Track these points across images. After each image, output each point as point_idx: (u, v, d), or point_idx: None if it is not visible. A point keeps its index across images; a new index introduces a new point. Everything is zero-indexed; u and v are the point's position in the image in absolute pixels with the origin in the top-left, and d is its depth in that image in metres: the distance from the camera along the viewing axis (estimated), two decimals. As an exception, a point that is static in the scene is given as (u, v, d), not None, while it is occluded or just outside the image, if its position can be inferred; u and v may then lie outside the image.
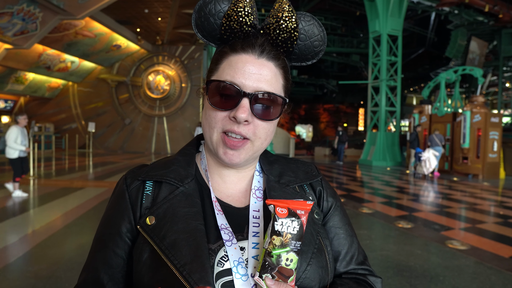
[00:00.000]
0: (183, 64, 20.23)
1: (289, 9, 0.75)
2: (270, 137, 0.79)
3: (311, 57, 0.82)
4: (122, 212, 0.77)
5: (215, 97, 0.74)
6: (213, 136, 0.76)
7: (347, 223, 0.88)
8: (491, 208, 7.28)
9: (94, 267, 0.75)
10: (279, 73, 0.77)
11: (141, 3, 14.89)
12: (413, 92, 34.82)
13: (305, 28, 0.78)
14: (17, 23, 12.00)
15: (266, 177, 0.83)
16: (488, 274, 3.79)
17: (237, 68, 0.73)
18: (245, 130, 0.73)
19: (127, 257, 0.75)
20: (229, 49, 0.76)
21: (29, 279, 3.41)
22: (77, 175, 10.59)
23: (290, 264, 0.62)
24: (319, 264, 0.74)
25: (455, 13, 19.44)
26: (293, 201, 0.65)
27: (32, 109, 21.36)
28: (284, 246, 0.62)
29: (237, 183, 0.83)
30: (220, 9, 0.75)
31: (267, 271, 0.62)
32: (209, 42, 0.80)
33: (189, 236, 0.69)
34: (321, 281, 0.73)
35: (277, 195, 0.79)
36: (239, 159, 0.75)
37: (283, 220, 0.63)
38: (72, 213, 5.98)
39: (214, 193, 0.80)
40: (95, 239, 0.80)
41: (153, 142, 20.56)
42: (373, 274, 0.84)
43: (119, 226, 0.76)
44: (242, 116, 0.71)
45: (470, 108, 12.37)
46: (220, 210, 0.75)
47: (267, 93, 0.73)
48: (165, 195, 0.75)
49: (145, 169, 0.82)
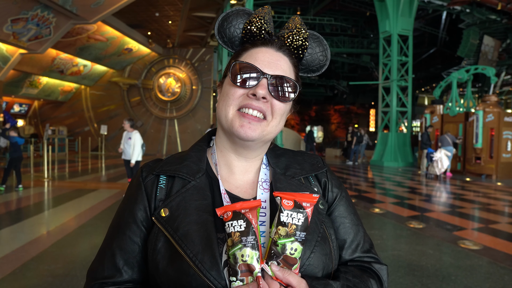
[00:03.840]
0: (194, 66, 20.35)
1: (301, 23, 0.88)
2: (283, 122, 0.86)
3: (316, 69, 0.93)
4: (139, 202, 0.82)
5: (236, 76, 0.81)
6: (229, 113, 0.81)
7: (352, 213, 0.91)
8: (505, 208, 7.19)
9: (110, 252, 0.81)
10: (293, 69, 0.87)
11: (152, 6, 15.03)
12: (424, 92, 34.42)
13: (312, 44, 0.90)
14: (31, 28, 12.23)
15: (273, 170, 0.87)
16: (501, 274, 3.76)
17: (257, 56, 0.83)
18: (264, 106, 0.80)
19: (142, 244, 0.80)
20: (250, 45, 0.86)
21: (46, 277, 3.49)
22: (90, 177, 10.74)
23: (294, 253, 0.66)
24: (323, 252, 0.77)
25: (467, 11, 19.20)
26: (299, 194, 0.68)
27: (46, 113, 21.71)
28: (289, 236, 0.65)
29: (245, 173, 0.88)
30: (240, 20, 0.88)
31: (273, 258, 0.65)
32: (228, 47, 0.91)
33: (200, 227, 0.74)
34: (324, 268, 0.77)
35: (283, 187, 0.83)
36: (255, 133, 0.80)
37: (288, 211, 0.66)
38: (86, 214, 6.08)
39: (223, 185, 0.85)
40: (112, 226, 0.86)
41: (164, 144, 20.71)
42: (379, 261, 0.87)
43: (135, 214, 0.81)
44: (261, 92, 0.78)
45: (482, 107, 12.21)
46: (228, 202, 0.80)
47: (283, 76, 0.81)
48: (178, 189, 0.81)
49: (160, 164, 0.87)
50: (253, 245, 0.64)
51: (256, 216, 0.67)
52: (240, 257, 0.64)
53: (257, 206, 0.67)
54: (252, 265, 0.64)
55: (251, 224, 0.65)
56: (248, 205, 0.67)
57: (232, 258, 0.65)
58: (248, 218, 0.65)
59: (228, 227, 0.66)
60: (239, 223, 0.65)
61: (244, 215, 0.66)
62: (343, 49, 25.72)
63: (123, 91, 20.82)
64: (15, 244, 4.48)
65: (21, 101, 20.75)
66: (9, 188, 8.36)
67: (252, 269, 0.64)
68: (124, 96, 20.87)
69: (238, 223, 0.65)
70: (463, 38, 20.56)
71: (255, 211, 0.67)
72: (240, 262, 0.64)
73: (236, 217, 0.65)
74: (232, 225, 0.65)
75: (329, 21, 23.47)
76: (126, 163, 7.38)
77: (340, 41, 25.37)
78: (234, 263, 0.64)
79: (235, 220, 0.65)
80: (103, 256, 0.82)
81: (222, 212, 0.67)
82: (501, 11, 18.95)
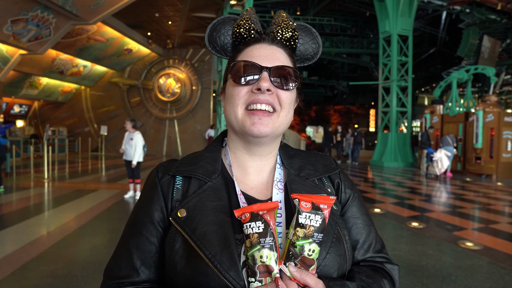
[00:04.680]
0: (194, 67, 20.36)
1: (287, 16, 0.89)
2: (292, 112, 0.87)
3: (311, 57, 0.94)
4: (155, 202, 0.83)
5: (237, 76, 0.82)
6: (238, 113, 0.82)
7: (364, 213, 0.92)
8: (505, 208, 7.19)
9: (127, 252, 0.81)
10: (289, 58, 0.88)
11: (152, 7, 15.04)
12: (424, 92, 34.41)
13: (302, 33, 0.91)
14: (31, 29, 12.24)
15: (287, 170, 0.88)
16: (501, 274, 3.76)
17: (253, 53, 0.84)
18: (271, 98, 0.81)
19: (159, 244, 0.81)
20: (243, 45, 0.88)
21: (46, 278, 3.49)
22: (90, 178, 10.74)
23: (312, 255, 0.66)
24: (338, 253, 0.78)
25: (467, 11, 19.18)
26: (317, 196, 0.70)
27: (46, 113, 21.72)
28: (307, 237, 0.66)
29: (259, 174, 0.89)
30: (228, 27, 0.89)
31: (291, 259, 0.66)
32: (221, 55, 0.92)
33: (218, 228, 0.74)
34: (339, 269, 0.78)
35: (297, 188, 0.84)
36: (268, 128, 0.80)
37: (306, 213, 0.67)
38: (86, 215, 6.08)
39: (239, 186, 0.85)
40: (129, 225, 0.86)
41: (164, 145, 20.71)
42: (390, 261, 0.89)
43: (152, 214, 0.82)
44: (264, 85, 0.79)
45: (482, 107, 12.21)
46: (244, 203, 0.81)
47: (282, 66, 0.82)
48: (194, 190, 0.81)
49: (175, 164, 0.88)
50: (271, 246, 0.65)
51: (274, 218, 0.68)
52: (259, 258, 0.64)
53: (275, 207, 0.68)
54: (271, 266, 0.64)
55: (269, 226, 0.66)
56: (265, 207, 0.67)
57: (251, 259, 0.65)
58: (266, 220, 0.66)
59: (246, 228, 0.66)
60: (257, 225, 0.66)
61: (262, 216, 0.66)
62: (343, 49, 25.69)
63: (123, 91, 20.83)
64: (15, 245, 4.48)
65: (21, 102, 20.75)
66: (9, 189, 8.36)
67: (270, 270, 0.65)
68: (124, 97, 20.88)
69: (256, 224, 0.66)
70: (463, 38, 20.55)
71: (273, 212, 0.68)
72: (258, 263, 0.64)
73: (254, 219, 0.66)
74: (250, 227, 0.66)
75: (328, 21, 23.46)
76: (127, 163, 7.37)
77: (340, 41, 25.35)
78: (252, 264, 0.65)
79: (253, 222, 0.66)
80: (120, 255, 0.82)
81: (240, 214, 0.68)
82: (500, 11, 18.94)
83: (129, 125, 7.31)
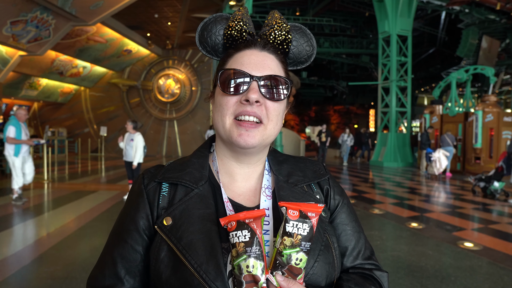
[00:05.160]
0: (193, 67, 20.36)
1: (280, 17, 0.86)
2: (280, 123, 0.85)
3: (304, 60, 0.91)
4: (141, 209, 0.80)
5: (226, 85, 0.79)
6: (226, 123, 0.80)
7: (354, 220, 0.90)
8: (505, 208, 7.19)
9: (112, 260, 0.79)
10: (281, 65, 0.85)
11: (151, 8, 15.05)
12: (424, 92, 34.44)
13: (296, 35, 0.88)
14: (31, 30, 12.24)
15: (275, 177, 0.86)
16: (500, 274, 3.76)
17: (243, 60, 0.81)
18: (259, 110, 0.78)
19: (144, 253, 0.78)
20: (233, 50, 0.85)
21: (45, 279, 3.49)
22: (90, 179, 10.74)
23: (299, 264, 0.65)
24: (326, 261, 0.77)
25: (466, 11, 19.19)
26: (305, 204, 0.68)
27: (46, 114, 21.72)
28: (294, 246, 0.65)
29: (247, 180, 0.87)
30: (220, 27, 0.86)
31: (278, 269, 0.65)
32: (212, 56, 0.89)
33: (204, 236, 0.73)
34: (328, 277, 0.76)
35: (286, 195, 0.82)
36: (254, 140, 0.78)
37: (294, 222, 0.65)
38: (85, 216, 6.08)
39: (226, 193, 0.83)
40: (113, 233, 0.84)
41: (164, 145, 20.71)
42: (380, 268, 0.87)
43: (137, 222, 0.80)
44: (253, 96, 0.76)
45: (482, 107, 12.23)
46: (231, 210, 0.79)
47: (273, 75, 0.80)
48: (180, 197, 0.79)
49: (161, 171, 0.85)
50: (257, 256, 0.63)
51: (261, 226, 0.66)
52: (245, 267, 0.63)
53: (262, 215, 0.67)
54: (257, 276, 0.63)
55: (255, 235, 0.64)
56: (252, 215, 0.66)
57: (237, 269, 0.64)
58: (252, 228, 0.64)
59: (232, 237, 0.65)
60: (243, 233, 0.64)
61: (249, 225, 0.65)
62: (342, 50, 25.71)
63: (122, 92, 20.83)
64: (15, 246, 4.48)
65: (21, 103, 20.74)
66: (8, 191, 8.36)
67: (257, 279, 0.63)
68: (123, 98, 20.88)
69: (243, 233, 0.64)
70: (462, 38, 20.57)
71: (259, 220, 0.66)
72: (245, 273, 0.63)
73: (241, 227, 0.65)
74: (237, 236, 0.64)
75: (328, 22, 23.49)
76: (127, 164, 7.37)
77: (340, 42, 25.36)
78: (239, 273, 0.63)
79: (240, 230, 0.64)
80: (104, 264, 0.80)
81: (226, 222, 0.66)
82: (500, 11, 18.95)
83: (130, 126, 7.30)
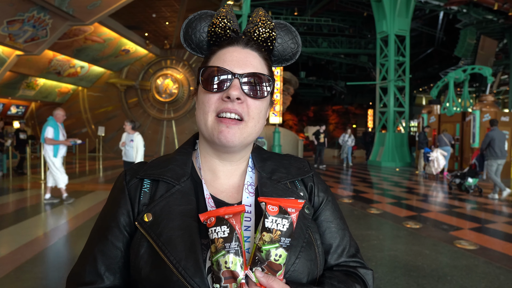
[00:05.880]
0: (191, 67, 20.34)
1: (265, 15, 0.85)
2: (263, 121, 0.84)
3: (289, 57, 0.90)
4: (122, 206, 0.80)
5: (208, 82, 0.79)
6: (208, 120, 0.79)
7: (338, 217, 0.89)
8: (501, 208, 7.21)
9: (92, 257, 0.78)
10: (264, 63, 0.84)
11: (149, 8, 15.05)
12: (422, 92, 34.49)
13: (281, 33, 0.87)
14: (28, 30, 12.21)
15: (259, 173, 0.86)
16: (497, 273, 3.76)
17: (225, 57, 0.81)
18: (240, 108, 0.78)
19: (125, 249, 0.78)
20: (217, 47, 0.84)
21: (40, 280, 3.48)
22: (87, 179, 10.72)
23: (279, 260, 0.64)
24: (308, 258, 0.76)
25: (464, 12, 19.22)
26: (285, 200, 0.67)
27: (43, 114, 21.64)
28: (273, 242, 0.64)
29: (230, 177, 0.86)
30: (204, 24, 0.85)
31: (257, 265, 0.64)
32: (197, 53, 0.88)
33: (184, 232, 0.72)
34: (309, 274, 0.76)
35: (268, 191, 0.81)
36: (235, 138, 0.78)
37: (273, 217, 0.64)
38: (83, 216, 6.06)
39: (208, 189, 0.83)
40: (94, 230, 0.83)
41: (162, 145, 20.69)
42: (364, 266, 0.86)
43: (118, 219, 0.79)
44: (234, 93, 0.76)
45: (479, 107, 12.25)
46: (213, 206, 0.78)
47: (254, 73, 0.79)
48: (162, 193, 0.79)
49: (144, 167, 0.85)
50: (236, 251, 0.63)
51: (240, 222, 0.65)
52: (224, 263, 0.62)
53: (241, 211, 0.66)
54: (236, 272, 0.62)
55: (234, 230, 0.64)
56: (231, 211, 0.65)
57: (216, 265, 0.63)
58: (231, 224, 0.64)
59: (211, 233, 0.64)
60: (222, 229, 0.63)
61: (228, 220, 0.64)
62: (340, 50, 25.73)
63: (120, 92, 20.81)
64: (11, 246, 4.46)
65: (18, 103, 20.70)
66: (6, 190, 8.34)
67: (235, 275, 0.62)
68: (121, 98, 20.85)
69: (222, 229, 0.63)
70: (460, 38, 20.60)
71: (239, 216, 0.65)
72: (223, 269, 0.62)
73: (220, 223, 0.64)
74: (216, 231, 0.63)
75: (326, 22, 23.50)
76: (126, 164, 7.37)
77: (338, 42, 25.38)
78: (217, 269, 0.63)
79: (219, 226, 0.64)
80: (85, 260, 0.79)
81: (206, 218, 0.66)
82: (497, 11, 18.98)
83: (128, 126, 7.31)
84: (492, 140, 8.16)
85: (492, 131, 8.27)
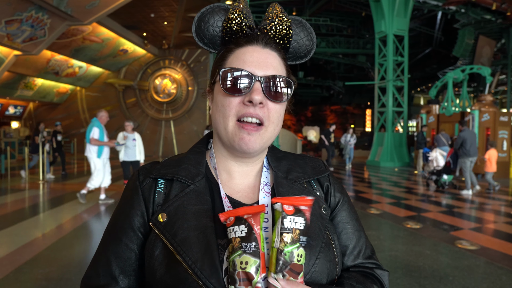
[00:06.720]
0: (190, 67, 20.31)
1: (281, 11, 0.83)
2: (280, 124, 0.83)
3: (304, 55, 0.89)
4: (136, 207, 0.79)
5: (228, 84, 0.76)
6: (229, 125, 0.78)
7: (354, 218, 0.88)
8: (502, 208, 7.21)
9: (106, 259, 0.77)
10: (283, 63, 0.83)
11: (147, 7, 14.99)
12: (420, 92, 34.53)
13: (296, 30, 0.86)
14: (26, 30, 12.16)
15: (274, 173, 0.85)
16: (498, 274, 3.75)
17: (245, 58, 0.78)
18: (261, 112, 0.76)
19: (139, 251, 0.77)
20: (234, 45, 0.82)
21: (40, 281, 3.45)
22: (86, 179, 10.65)
23: (300, 260, 0.63)
24: (327, 258, 0.75)
25: (462, 12, 19.26)
26: (295, 198, 0.66)
27: (41, 114, 21.59)
28: (294, 242, 0.63)
29: (245, 178, 0.85)
30: (218, 18, 0.83)
31: (282, 269, 0.62)
32: (209, 48, 0.87)
33: (199, 233, 0.71)
34: (329, 275, 0.75)
35: (285, 191, 0.80)
36: (256, 144, 0.77)
37: (291, 217, 0.63)
38: (81, 216, 6.04)
39: (224, 189, 0.81)
40: (107, 231, 0.82)
41: (160, 146, 20.65)
42: (380, 267, 0.86)
43: (132, 220, 0.78)
44: (257, 98, 0.74)
45: (478, 107, 12.26)
46: (229, 207, 0.77)
47: (276, 76, 0.77)
48: (176, 193, 0.77)
49: (157, 167, 0.83)
50: (253, 252, 0.61)
51: (259, 222, 0.64)
52: (239, 264, 0.60)
53: (261, 211, 0.65)
54: (251, 274, 0.60)
55: (252, 230, 0.62)
56: (251, 210, 0.64)
57: (231, 265, 0.61)
58: (250, 224, 0.63)
59: (229, 232, 0.63)
60: (240, 229, 0.62)
61: (246, 220, 0.63)
62: (339, 50, 25.71)
63: (118, 92, 20.75)
64: (10, 247, 4.43)
65: (16, 103, 20.63)
66: (4, 191, 8.30)
67: (250, 278, 0.60)
68: (119, 98, 20.80)
69: (240, 228, 0.62)
70: (459, 38, 20.63)
71: (258, 216, 0.64)
72: (238, 270, 0.60)
73: (238, 222, 0.63)
74: (233, 231, 0.62)
75: (324, 22, 23.49)
76: (124, 164, 7.37)
77: (336, 42, 25.36)
78: (233, 270, 0.61)
79: (237, 226, 0.63)
80: (98, 263, 0.78)
81: (225, 218, 0.65)
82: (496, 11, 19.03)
83: (130, 126, 7.36)
84: (464, 141, 8.68)
85: (464, 132, 8.80)
